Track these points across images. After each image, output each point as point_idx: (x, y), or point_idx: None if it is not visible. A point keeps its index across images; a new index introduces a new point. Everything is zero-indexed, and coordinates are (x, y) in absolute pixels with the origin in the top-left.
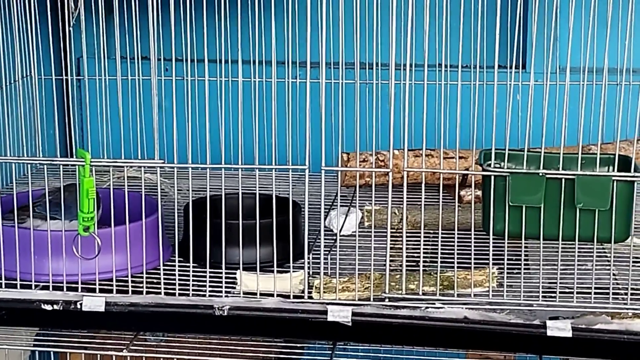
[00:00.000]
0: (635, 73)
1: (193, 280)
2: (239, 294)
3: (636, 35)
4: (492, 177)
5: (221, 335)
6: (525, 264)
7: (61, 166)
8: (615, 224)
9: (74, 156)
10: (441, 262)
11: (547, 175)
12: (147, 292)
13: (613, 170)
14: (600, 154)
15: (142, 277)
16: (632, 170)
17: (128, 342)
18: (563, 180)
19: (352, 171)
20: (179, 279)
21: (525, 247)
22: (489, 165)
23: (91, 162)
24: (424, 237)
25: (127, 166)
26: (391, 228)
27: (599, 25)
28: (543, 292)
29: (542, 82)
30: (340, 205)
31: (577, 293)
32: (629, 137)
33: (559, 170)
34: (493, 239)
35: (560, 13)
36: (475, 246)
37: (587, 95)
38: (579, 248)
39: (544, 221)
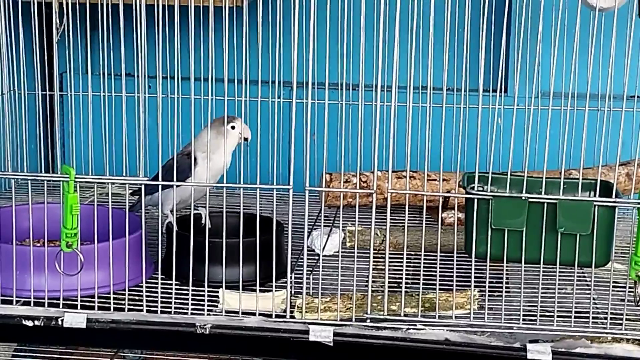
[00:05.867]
0: (616, 99)
1: (175, 298)
2: (221, 312)
3: (617, 61)
4: (475, 200)
5: (202, 353)
6: (506, 287)
7: (45, 182)
8: (596, 248)
9: (56, 171)
10: (423, 283)
11: (530, 199)
12: (129, 309)
13: (594, 196)
14: (582, 179)
15: (124, 294)
16: (614, 195)
17: None
18: (545, 204)
19: (336, 192)
20: (161, 297)
21: (507, 270)
22: (472, 188)
23: (75, 178)
24: (406, 258)
25: (110, 183)
26: (373, 249)
27: (580, 51)
28: (524, 315)
29: (524, 106)
30: (323, 226)
31: (557, 317)
32: (610, 162)
33: (541, 195)
34: (475, 261)
35: (543, 39)
36: (457, 268)
37: (568, 120)
38: (559, 272)
39: (526, 245)
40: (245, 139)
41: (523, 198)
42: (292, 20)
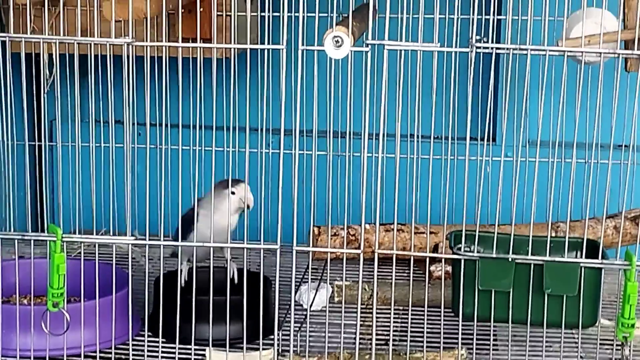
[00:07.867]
0: (603, 148)
1: (162, 356)
2: None
3: (604, 112)
4: (462, 261)
5: None
6: (494, 346)
7: (32, 240)
8: (582, 309)
9: (44, 224)
10: (411, 341)
11: (516, 261)
12: None
13: (581, 255)
14: (569, 237)
15: (110, 352)
16: (600, 256)
17: None
18: (532, 265)
19: (323, 251)
20: (148, 355)
21: (495, 328)
22: (459, 248)
23: (62, 237)
24: (394, 314)
25: (97, 242)
26: (361, 304)
27: (568, 101)
28: None
29: (512, 156)
30: (311, 280)
31: None
32: (598, 214)
33: (528, 255)
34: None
35: (530, 88)
36: (444, 325)
37: (556, 171)
38: (547, 328)
39: (513, 306)
40: (248, 206)
41: (510, 259)
42: (279, 72)
